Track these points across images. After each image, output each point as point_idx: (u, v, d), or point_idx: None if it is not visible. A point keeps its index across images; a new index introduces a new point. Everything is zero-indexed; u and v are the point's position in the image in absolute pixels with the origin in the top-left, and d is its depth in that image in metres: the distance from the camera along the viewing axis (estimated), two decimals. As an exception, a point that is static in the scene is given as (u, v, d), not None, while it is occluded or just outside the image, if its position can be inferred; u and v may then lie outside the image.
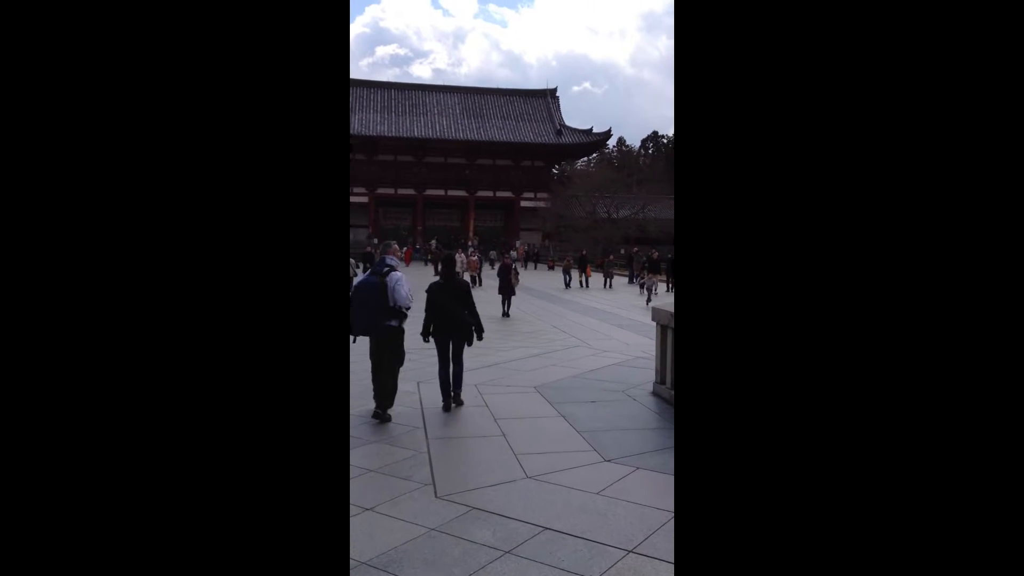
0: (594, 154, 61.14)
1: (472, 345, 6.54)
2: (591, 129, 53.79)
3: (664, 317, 6.93)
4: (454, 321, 6.38)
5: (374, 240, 33.93)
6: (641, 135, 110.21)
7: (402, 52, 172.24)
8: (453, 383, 6.47)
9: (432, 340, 6.51)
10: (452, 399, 6.44)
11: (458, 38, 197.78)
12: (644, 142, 79.59)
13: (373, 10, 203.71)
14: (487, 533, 3.65)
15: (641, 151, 76.38)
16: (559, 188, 49.79)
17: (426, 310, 6.51)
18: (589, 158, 62.23)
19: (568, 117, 55.03)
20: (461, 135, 51.60)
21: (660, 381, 7.06)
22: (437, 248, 37.83)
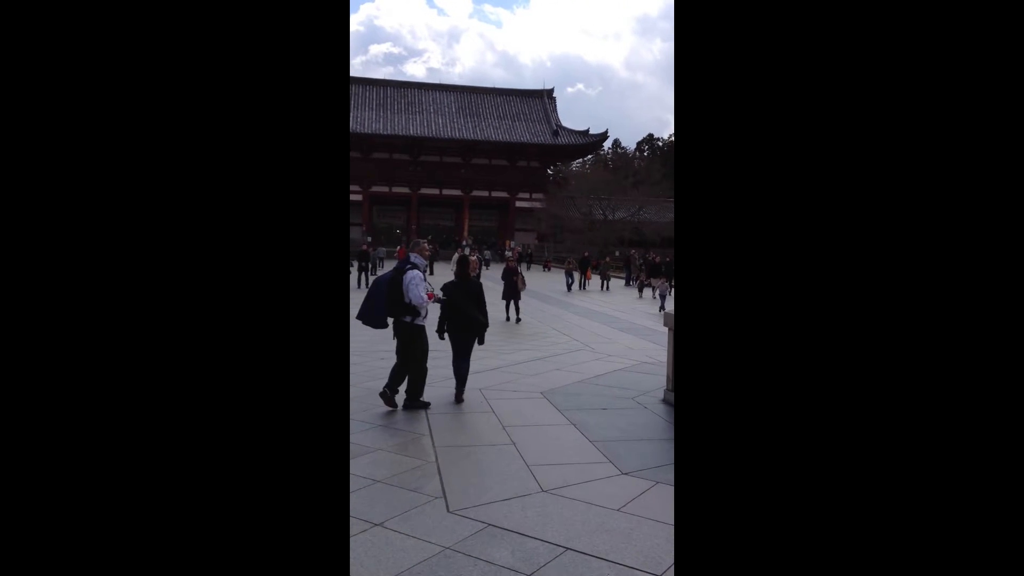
0: (589, 156, 61.00)
1: (483, 344, 6.83)
2: (588, 130, 53.68)
3: (677, 322, 6.71)
4: (467, 319, 6.61)
5: (368, 238, 33.66)
6: (635, 137, 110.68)
7: (396, 51, 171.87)
8: (460, 380, 6.70)
9: (448, 337, 6.76)
10: (458, 396, 6.66)
11: (453, 37, 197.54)
12: (639, 144, 79.55)
13: (368, 8, 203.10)
14: (505, 553, 3.41)
15: (636, 153, 76.28)
16: (555, 189, 49.57)
17: (441, 308, 6.71)
18: (584, 159, 62.06)
19: (562, 118, 54.87)
20: (457, 134, 51.37)
21: (672, 388, 6.83)
22: (433, 247, 37.60)
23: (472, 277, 6.95)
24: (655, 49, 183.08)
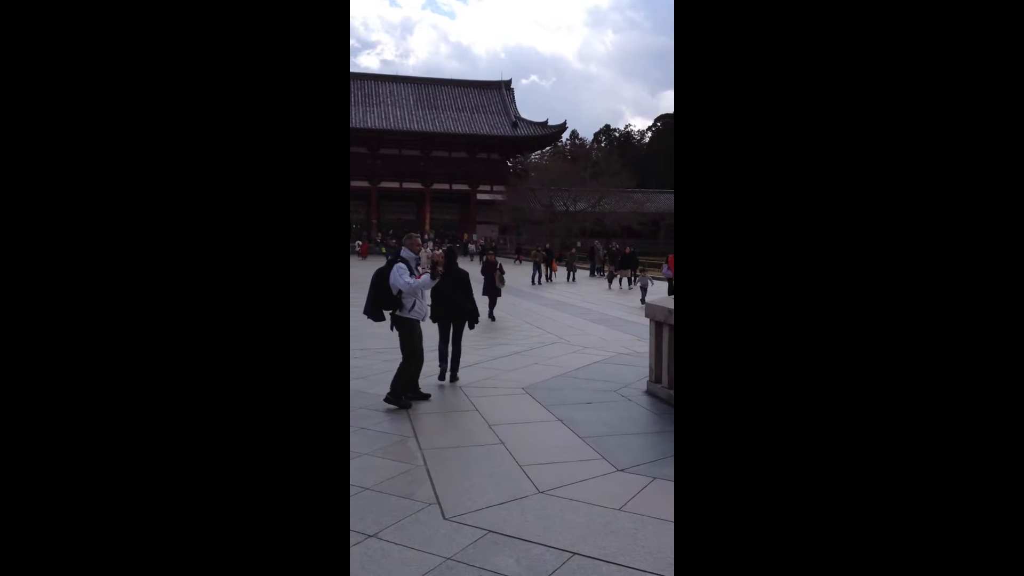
0: (548, 147, 60.94)
1: (473, 329, 7.56)
2: (546, 122, 53.62)
3: (660, 313, 6.62)
4: (455, 307, 7.21)
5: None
6: (591, 128, 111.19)
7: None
8: (452, 361, 7.34)
9: (436, 323, 7.25)
10: (452, 375, 7.30)
11: (406, 29, 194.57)
12: (597, 135, 79.82)
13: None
14: (511, 561, 3.26)
15: (594, 144, 76.47)
16: (516, 181, 49.38)
17: (432, 297, 7.08)
18: (543, 151, 61.98)
19: (519, 110, 54.66)
20: (415, 126, 50.80)
21: (655, 380, 6.75)
22: (396, 242, 37.17)
23: (458, 268, 7.45)
24: (607, 41, 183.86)
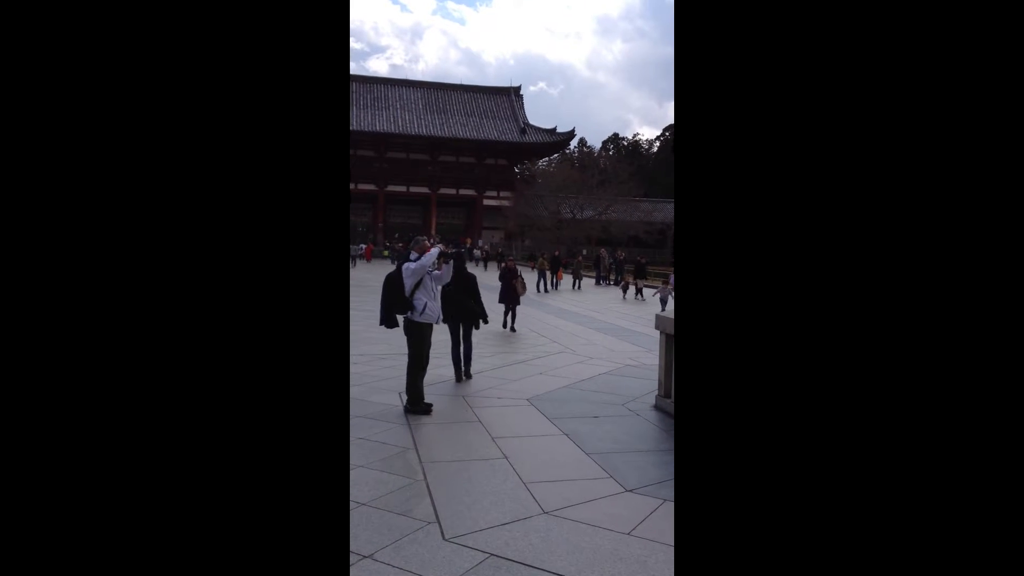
0: (556, 154, 60.79)
1: (479, 329, 7.99)
2: (555, 129, 53.50)
3: (671, 326, 6.41)
4: (463, 309, 7.64)
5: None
6: (599, 136, 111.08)
7: (358, 47, 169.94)
8: (464, 360, 7.70)
9: (446, 324, 7.51)
10: (463, 373, 7.66)
11: (416, 34, 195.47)
12: (605, 143, 79.89)
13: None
14: (513, 589, 3.06)
15: (602, 152, 76.33)
16: (523, 187, 49.23)
17: (440, 299, 7.06)
18: (551, 158, 61.83)
19: (527, 116, 54.54)
20: (424, 131, 50.74)
21: (665, 395, 6.54)
22: (402, 246, 37.04)
23: (467, 272, 7.88)
24: (615, 49, 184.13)
